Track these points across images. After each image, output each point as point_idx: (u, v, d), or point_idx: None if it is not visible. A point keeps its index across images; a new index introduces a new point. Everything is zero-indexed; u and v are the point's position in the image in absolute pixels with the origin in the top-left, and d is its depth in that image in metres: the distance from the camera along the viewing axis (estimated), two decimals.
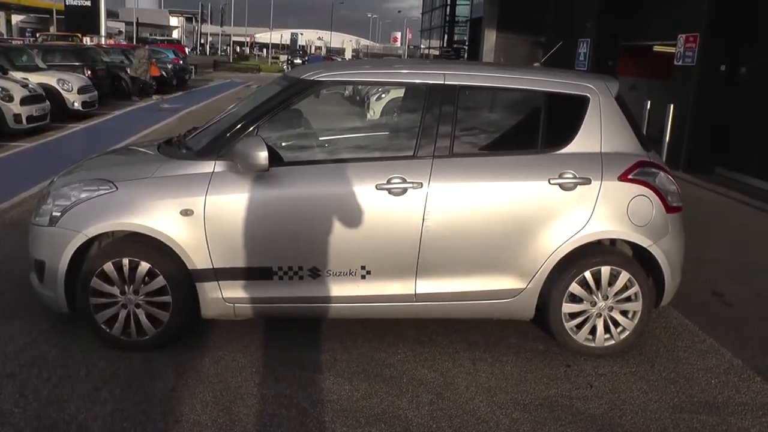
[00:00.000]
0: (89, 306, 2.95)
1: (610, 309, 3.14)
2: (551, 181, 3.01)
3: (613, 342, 3.17)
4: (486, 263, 3.02)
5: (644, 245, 3.11)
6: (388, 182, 2.91)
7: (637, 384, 2.96)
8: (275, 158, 2.89)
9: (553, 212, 3.01)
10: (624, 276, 3.10)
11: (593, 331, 3.16)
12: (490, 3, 18.91)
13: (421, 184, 2.92)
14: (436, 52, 36.62)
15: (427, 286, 3.01)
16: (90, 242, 2.95)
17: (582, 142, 3.10)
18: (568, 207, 3.02)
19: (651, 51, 11.47)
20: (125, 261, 2.92)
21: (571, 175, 3.02)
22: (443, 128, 3.00)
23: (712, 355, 3.31)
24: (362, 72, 3.27)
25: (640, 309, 3.15)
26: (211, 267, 2.92)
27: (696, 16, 8.75)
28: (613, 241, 3.23)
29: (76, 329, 3.12)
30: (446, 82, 3.04)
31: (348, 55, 54.52)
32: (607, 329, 3.16)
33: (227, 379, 2.80)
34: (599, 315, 3.14)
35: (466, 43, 28.80)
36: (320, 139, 3.61)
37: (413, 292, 3.01)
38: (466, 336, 3.32)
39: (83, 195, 2.96)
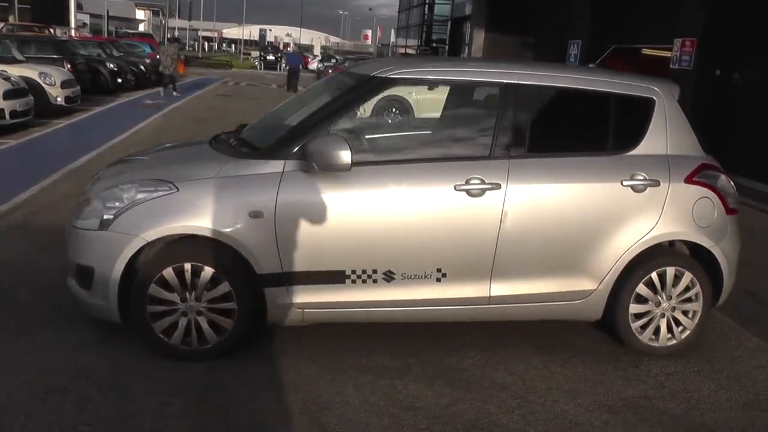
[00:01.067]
0: (146, 314, 2.79)
1: (673, 309, 3.18)
2: (623, 183, 3.01)
3: (675, 342, 3.21)
4: (560, 265, 3.00)
5: (707, 246, 3.16)
6: (467, 183, 2.86)
7: (705, 383, 3.00)
8: None
9: (625, 213, 3.02)
10: (687, 276, 3.15)
11: (657, 331, 3.19)
12: (478, 2, 18.97)
13: (499, 185, 2.88)
14: (413, 51, 36.67)
15: (502, 288, 2.97)
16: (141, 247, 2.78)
17: (649, 144, 3.12)
18: (639, 208, 3.03)
19: (640, 54, 11.74)
20: (187, 266, 2.77)
21: (642, 177, 3.03)
22: (518, 128, 2.96)
23: (763, 353, 3.38)
24: (435, 70, 3.19)
25: (700, 309, 3.20)
26: (281, 271, 2.80)
27: (692, 21, 8.99)
28: (671, 242, 3.27)
29: (119, 338, 2.93)
30: (520, 82, 3.01)
31: (317, 51, 54.22)
32: (669, 329, 3.19)
33: (304, 388, 2.69)
34: (663, 315, 3.18)
35: (446, 42, 28.92)
36: (388, 137, 3.52)
37: (488, 295, 2.97)
38: (529, 338, 3.29)
39: (139, 196, 2.79)
